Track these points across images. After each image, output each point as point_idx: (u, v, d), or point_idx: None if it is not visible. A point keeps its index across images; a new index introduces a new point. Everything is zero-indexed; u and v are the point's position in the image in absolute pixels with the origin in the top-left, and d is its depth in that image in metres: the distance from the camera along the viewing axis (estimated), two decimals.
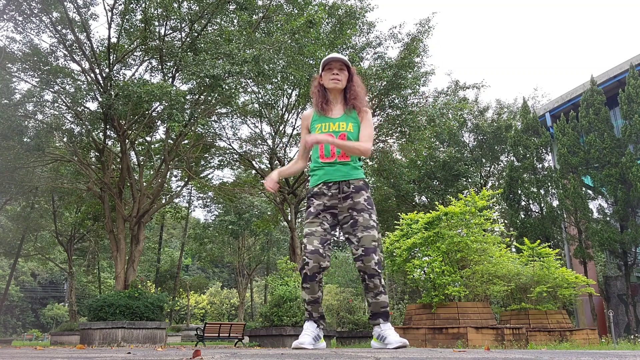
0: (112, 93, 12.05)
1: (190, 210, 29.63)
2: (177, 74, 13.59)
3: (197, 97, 13.45)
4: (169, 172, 16.43)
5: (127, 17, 13.26)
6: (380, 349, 2.88)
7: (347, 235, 3.03)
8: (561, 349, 4.77)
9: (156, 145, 17.87)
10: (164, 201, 18.23)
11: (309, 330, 2.99)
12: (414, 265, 7.12)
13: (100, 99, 12.45)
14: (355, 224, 2.97)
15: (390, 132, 16.97)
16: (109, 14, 13.18)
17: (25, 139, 12.97)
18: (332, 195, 3.04)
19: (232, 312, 43.54)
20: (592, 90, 14.57)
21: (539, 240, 9.09)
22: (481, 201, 7.07)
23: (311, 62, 13.78)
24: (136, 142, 16.40)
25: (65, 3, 12.53)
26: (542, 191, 15.73)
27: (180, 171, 19.63)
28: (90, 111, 14.39)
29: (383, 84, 14.84)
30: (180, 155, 15.88)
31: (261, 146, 18.49)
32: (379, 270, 2.90)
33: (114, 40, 13.69)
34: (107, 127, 14.35)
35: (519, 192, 16.19)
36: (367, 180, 3.15)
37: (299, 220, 20.72)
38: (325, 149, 3.09)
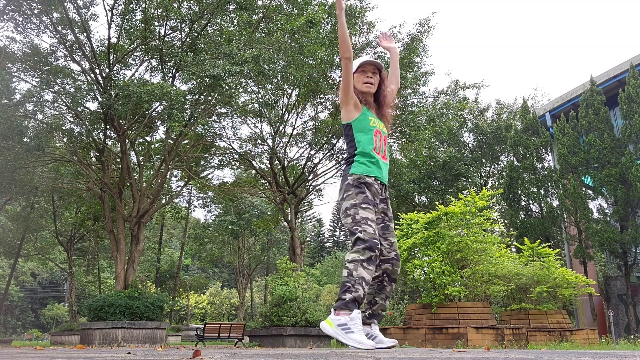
0: (112, 93, 12.05)
1: (190, 210, 29.60)
2: (177, 74, 13.59)
3: (197, 97, 13.45)
4: (169, 172, 16.42)
5: (127, 17, 13.26)
6: (379, 348, 2.87)
7: None
8: (561, 349, 4.77)
9: (156, 145, 17.86)
10: (164, 201, 18.23)
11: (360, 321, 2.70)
12: (414, 265, 7.13)
13: (100, 99, 12.46)
14: (387, 228, 3.03)
15: (390, 132, 16.98)
16: (109, 14, 13.19)
17: (25, 139, 12.97)
18: (376, 193, 2.99)
19: (232, 312, 43.54)
20: (592, 90, 14.57)
21: (539, 240, 9.09)
22: (481, 201, 7.07)
23: (311, 62, 13.77)
24: (136, 142, 16.39)
25: (66, 3, 12.53)
26: (542, 191, 15.73)
27: (180, 171, 19.61)
28: (90, 111, 14.39)
29: None
30: (180, 155, 15.87)
31: (261, 146, 18.49)
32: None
33: (114, 40, 13.69)
34: (107, 127, 14.35)
35: (519, 192, 16.19)
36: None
37: (299, 220, 20.67)
38: (377, 142, 3.05)
